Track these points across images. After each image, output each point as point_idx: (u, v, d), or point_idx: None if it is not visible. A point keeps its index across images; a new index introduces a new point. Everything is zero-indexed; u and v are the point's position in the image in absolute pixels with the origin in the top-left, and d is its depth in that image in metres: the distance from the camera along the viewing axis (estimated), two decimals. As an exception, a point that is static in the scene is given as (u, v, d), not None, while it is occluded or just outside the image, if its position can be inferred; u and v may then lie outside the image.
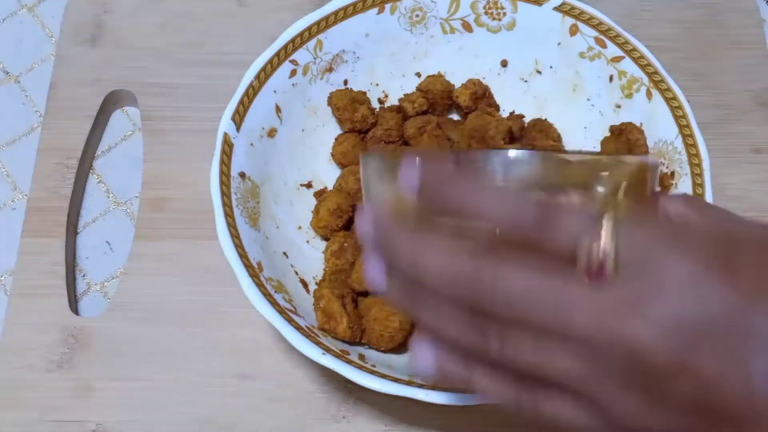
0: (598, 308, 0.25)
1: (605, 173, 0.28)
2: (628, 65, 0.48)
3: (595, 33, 0.49)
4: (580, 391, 0.27)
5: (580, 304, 0.26)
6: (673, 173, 0.46)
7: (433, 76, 0.53)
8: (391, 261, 0.29)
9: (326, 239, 0.48)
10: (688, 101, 0.47)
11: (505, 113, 0.53)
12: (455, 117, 0.53)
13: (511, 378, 0.28)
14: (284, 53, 0.48)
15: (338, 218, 0.48)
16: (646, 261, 0.26)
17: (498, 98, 0.53)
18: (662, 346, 0.25)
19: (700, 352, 0.25)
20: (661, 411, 0.26)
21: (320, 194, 0.50)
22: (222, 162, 0.45)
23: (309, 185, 0.50)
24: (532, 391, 0.28)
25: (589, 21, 0.49)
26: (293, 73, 0.49)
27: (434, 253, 0.27)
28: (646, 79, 0.48)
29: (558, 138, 0.51)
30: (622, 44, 0.49)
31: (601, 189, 0.28)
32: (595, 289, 0.26)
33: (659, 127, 0.47)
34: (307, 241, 0.49)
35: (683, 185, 0.45)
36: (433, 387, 0.40)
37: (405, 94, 0.52)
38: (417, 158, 0.28)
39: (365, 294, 0.46)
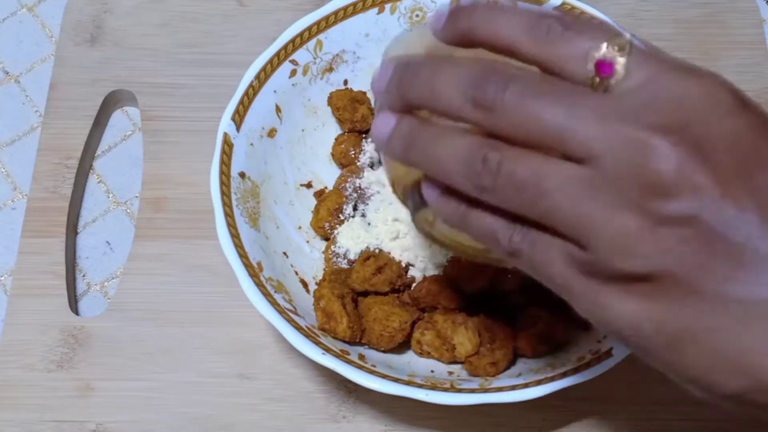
0: (604, 112, 0.24)
1: None
2: (628, 65, 0.48)
3: (595, 33, 0.49)
4: (568, 222, 0.25)
5: (586, 106, 0.24)
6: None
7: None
8: (410, 80, 0.28)
9: (326, 239, 0.48)
10: (688, 101, 0.47)
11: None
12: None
13: (505, 217, 0.27)
14: (284, 53, 0.48)
15: (338, 218, 0.48)
16: (661, 74, 0.25)
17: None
18: (672, 153, 0.23)
19: (715, 170, 0.23)
20: (657, 233, 0.24)
21: (320, 194, 0.50)
22: (222, 162, 0.45)
23: (309, 185, 0.50)
24: (524, 229, 0.27)
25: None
26: (293, 73, 0.49)
27: (452, 67, 0.27)
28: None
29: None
30: (622, 44, 0.49)
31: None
32: (603, 95, 0.25)
33: (659, 127, 0.47)
34: (307, 241, 0.49)
35: (683, 185, 0.45)
36: (433, 387, 0.40)
37: (405, 94, 0.52)
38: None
39: (365, 294, 0.46)
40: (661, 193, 0.23)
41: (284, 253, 0.46)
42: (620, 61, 0.25)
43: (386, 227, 0.46)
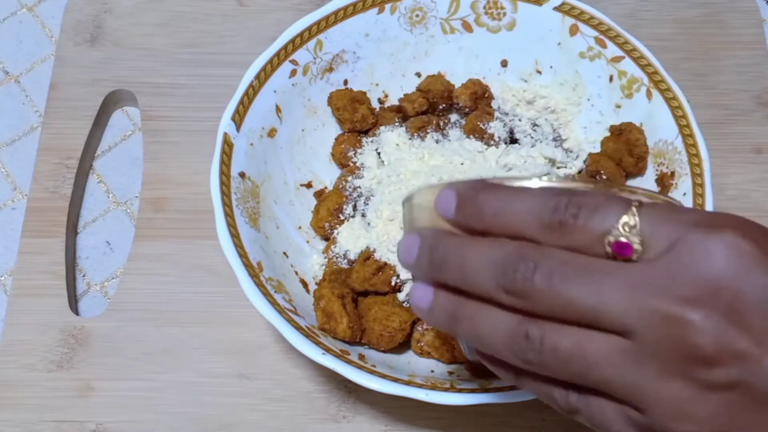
0: (634, 285, 0.25)
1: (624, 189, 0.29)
2: (628, 65, 0.48)
3: (595, 33, 0.49)
4: (619, 390, 0.26)
5: (614, 281, 0.25)
6: (673, 173, 0.46)
7: (433, 76, 0.53)
8: (439, 265, 0.30)
9: (326, 239, 0.48)
10: (688, 101, 0.47)
11: (505, 113, 0.53)
12: (455, 117, 0.53)
13: (555, 381, 0.28)
14: (284, 53, 0.48)
15: (338, 218, 0.48)
16: (681, 240, 0.25)
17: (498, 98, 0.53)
18: (708, 326, 0.24)
19: (751, 333, 0.24)
20: (707, 399, 0.25)
21: (320, 194, 0.50)
22: (222, 162, 0.45)
23: (309, 185, 0.50)
24: (579, 393, 0.28)
25: (589, 21, 0.49)
26: (293, 73, 0.49)
27: (479, 246, 0.28)
28: (646, 79, 0.48)
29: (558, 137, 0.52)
30: (622, 44, 0.49)
31: (623, 194, 0.28)
32: (628, 268, 0.25)
33: (659, 127, 0.47)
34: (307, 241, 0.49)
35: (683, 185, 0.45)
36: (433, 387, 0.40)
37: (405, 94, 0.52)
38: (451, 185, 0.30)
39: (365, 294, 0.46)
40: (704, 363, 0.24)
41: (284, 253, 0.46)
42: (636, 240, 0.26)
43: (386, 228, 0.46)
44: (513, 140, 0.51)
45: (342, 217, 0.48)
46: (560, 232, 0.27)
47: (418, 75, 0.53)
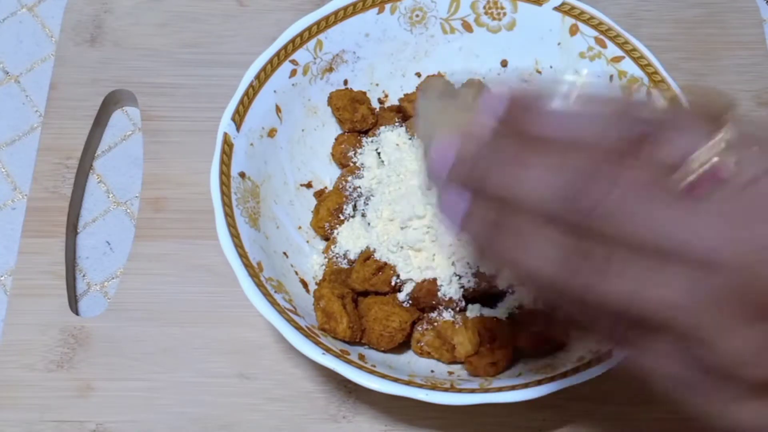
0: (727, 215, 0.22)
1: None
2: (628, 65, 0.48)
3: (595, 33, 0.49)
4: (688, 327, 0.23)
5: (704, 211, 0.22)
6: (673, 173, 0.46)
7: (433, 76, 0.53)
8: (487, 168, 0.26)
9: (326, 239, 0.49)
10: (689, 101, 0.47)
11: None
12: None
13: (605, 317, 0.25)
14: (284, 53, 0.48)
15: (338, 218, 0.48)
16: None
17: (498, 98, 0.53)
18: None
19: None
20: None
21: (320, 194, 0.50)
22: (222, 162, 0.45)
23: (309, 185, 0.50)
24: (633, 326, 0.24)
25: (589, 21, 0.49)
26: (293, 73, 0.49)
27: (539, 154, 0.25)
28: (646, 79, 0.48)
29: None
30: (622, 44, 0.49)
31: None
32: (718, 197, 0.22)
33: (659, 127, 0.47)
34: (307, 241, 0.49)
35: (683, 185, 0.45)
36: (433, 387, 0.40)
37: (405, 94, 0.52)
38: (501, 88, 0.26)
39: (365, 294, 0.46)
40: None
41: (284, 253, 0.46)
42: (723, 167, 0.23)
43: (386, 228, 0.46)
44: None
45: (342, 217, 0.48)
46: (634, 155, 0.23)
47: (418, 75, 0.53)
